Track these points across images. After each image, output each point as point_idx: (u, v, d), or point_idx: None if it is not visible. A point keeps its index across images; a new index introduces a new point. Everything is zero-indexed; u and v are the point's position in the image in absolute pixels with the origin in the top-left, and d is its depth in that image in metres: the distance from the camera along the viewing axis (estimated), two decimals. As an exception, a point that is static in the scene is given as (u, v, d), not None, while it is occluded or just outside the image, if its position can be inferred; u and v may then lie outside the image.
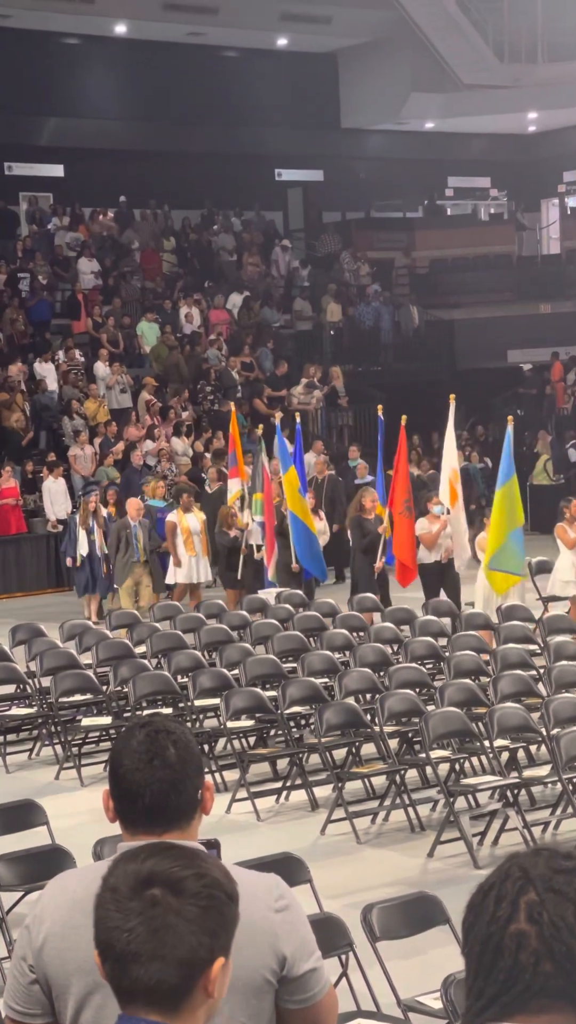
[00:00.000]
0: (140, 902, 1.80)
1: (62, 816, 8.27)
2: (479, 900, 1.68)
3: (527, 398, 27.57)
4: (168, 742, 2.53)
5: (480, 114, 30.52)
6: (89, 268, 25.78)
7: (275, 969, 2.48)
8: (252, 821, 9.04)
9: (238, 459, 16.58)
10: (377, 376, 26.65)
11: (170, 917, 1.79)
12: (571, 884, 1.66)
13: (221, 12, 26.82)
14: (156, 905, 1.80)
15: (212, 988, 1.82)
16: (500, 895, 1.66)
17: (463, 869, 8.00)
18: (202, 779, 2.57)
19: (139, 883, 1.82)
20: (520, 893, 1.65)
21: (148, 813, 2.51)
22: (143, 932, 1.78)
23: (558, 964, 1.62)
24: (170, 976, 1.78)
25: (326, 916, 5.35)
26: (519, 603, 13.51)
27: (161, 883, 1.81)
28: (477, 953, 1.66)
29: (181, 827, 2.52)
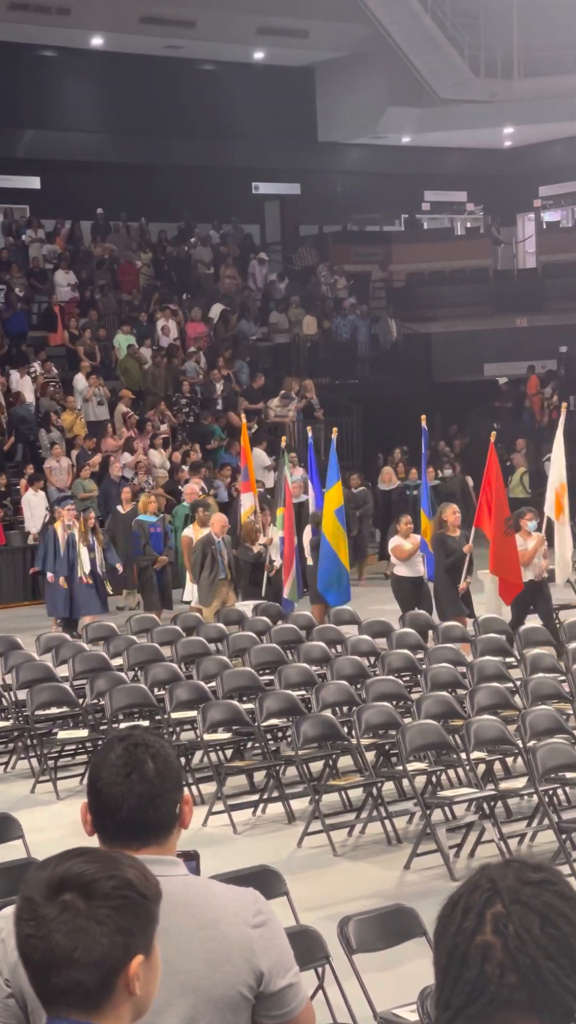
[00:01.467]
0: (53, 908, 1.82)
1: (38, 829, 8.24)
2: (448, 911, 1.69)
3: (503, 412, 27.67)
4: (147, 756, 2.52)
5: (456, 129, 30.65)
6: (66, 280, 25.76)
7: (252, 985, 2.48)
8: (229, 834, 9.02)
9: (250, 473, 16.13)
10: (354, 389, 26.70)
11: (80, 920, 1.81)
12: (538, 897, 1.65)
13: (198, 25, 26.88)
14: (67, 909, 1.81)
15: (133, 986, 1.84)
16: (467, 906, 1.66)
17: (440, 881, 8.00)
18: (181, 794, 2.56)
19: (51, 890, 1.83)
20: (487, 905, 1.65)
21: (125, 827, 2.50)
22: (57, 938, 1.80)
23: (523, 976, 1.62)
24: (87, 978, 1.81)
25: (303, 929, 5.34)
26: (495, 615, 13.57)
27: (72, 887, 1.83)
28: (444, 964, 1.67)
29: (159, 841, 2.52)
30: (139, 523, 16.82)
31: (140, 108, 28.49)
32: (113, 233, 28.38)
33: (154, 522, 16.87)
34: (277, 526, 15.21)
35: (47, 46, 27.42)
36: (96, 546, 16.28)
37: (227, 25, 26.99)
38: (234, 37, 27.64)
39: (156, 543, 16.66)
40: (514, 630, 12.87)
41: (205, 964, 2.45)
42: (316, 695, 10.08)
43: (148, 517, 16.94)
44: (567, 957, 1.63)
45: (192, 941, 2.46)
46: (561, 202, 35.89)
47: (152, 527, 16.77)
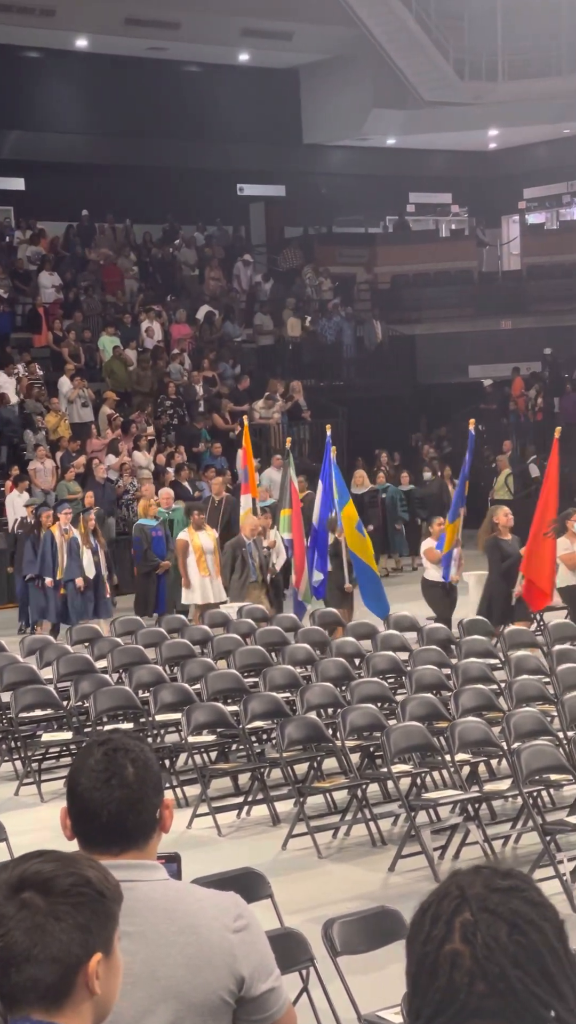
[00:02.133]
0: (12, 906, 1.84)
1: (22, 832, 8.21)
2: (418, 919, 1.68)
3: (488, 413, 27.71)
4: (126, 761, 2.51)
5: (441, 131, 30.70)
6: (50, 282, 25.71)
7: (232, 990, 2.47)
8: (213, 836, 9.01)
9: (250, 475, 15.83)
10: (339, 391, 26.71)
11: (38, 917, 1.83)
12: (506, 904, 1.64)
13: (183, 27, 26.87)
14: (25, 907, 1.84)
15: (93, 984, 1.85)
16: (436, 914, 1.66)
17: (424, 883, 7.99)
18: (161, 798, 2.55)
19: (11, 890, 1.86)
20: (455, 913, 1.64)
21: (105, 832, 2.49)
22: (17, 936, 1.82)
23: (491, 984, 1.61)
24: (45, 975, 1.82)
25: (287, 931, 5.33)
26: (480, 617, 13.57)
27: (30, 886, 1.85)
28: (414, 972, 1.66)
29: (138, 846, 2.51)
30: (140, 527, 16.43)
31: (125, 109, 28.46)
32: (98, 235, 28.34)
33: (155, 526, 16.50)
34: (281, 528, 14.90)
35: (31, 47, 27.38)
36: (99, 549, 15.97)
37: (212, 27, 26.99)
38: (219, 39, 27.64)
39: (158, 547, 16.26)
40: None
41: (186, 969, 2.44)
42: (301, 697, 10.07)
43: (149, 521, 16.63)
44: (535, 964, 1.62)
45: (172, 946, 2.45)
46: (545, 204, 35.98)
47: (153, 531, 16.38)
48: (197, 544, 15.28)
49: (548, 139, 32.11)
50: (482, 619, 13.46)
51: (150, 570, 16.30)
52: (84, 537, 15.87)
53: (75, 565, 15.82)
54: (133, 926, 2.35)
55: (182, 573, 15.33)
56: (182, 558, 15.28)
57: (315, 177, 32.64)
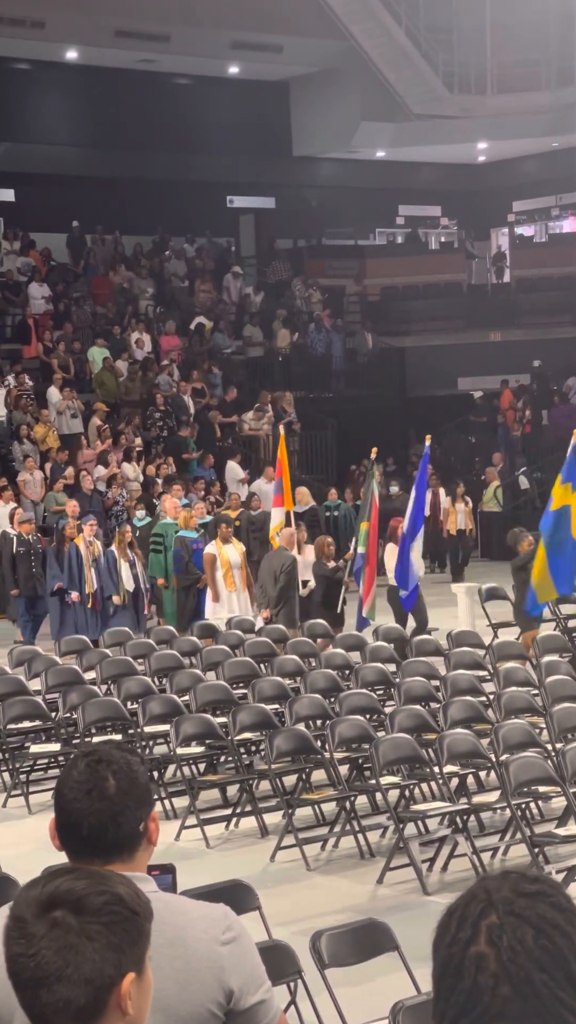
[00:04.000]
0: (43, 926, 1.79)
1: (10, 844, 8.20)
2: (445, 921, 1.69)
3: (477, 426, 27.77)
4: (108, 773, 2.50)
5: (430, 144, 30.80)
6: (40, 293, 25.72)
7: (221, 1002, 2.46)
8: (202, 848, 8.99)
9: (284, 486, 15.26)
10: (328, 403, 26.74)
11: (71, 937, 1.78)
12: (533, 908, 1.65)
13: (173, 39, 26.92)
14: (57, 926, 1.79)
15: (125, 1005, 1.81)
16: (463, 917, 1.66)
17: (413, 895, 7.99)
18: (146, 811, 2.53)
19: (41, 908, 1.81)
20: (482, 916, 1.65)
21: (87, 844, 2.49)
22: (48, 955, 1.77)
23: (516, 988, 1.62)
24: (78, 996, 1.77)
25: (275, 943, 5.32)
26: (469, 628, 13.59)
27: (62, 904, 1.80)
28: (439, 974, 1.67)
29: (123, 858, 2.50)
30: (181, 539, 15.83)
31: (115, 121, 28.51)
32: (89, 246, 28.37)
33: (196, 538, 15.88)
34: (360, 541, 14.06)
35: (21, 59, 27.41)
36: (136, 562, 15.60)
37: (202, 40, 27.06)
38: (209, 52, 27.71)
39: (198, 560, 15.52)
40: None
41: (173, 982, 2.43)
42: (290, 709, 10.06)
43: (189, 533, 15.93)
44: (561, 969, 1.62)
45: (160, 959, 2.44)
46: (534, 217, 36.10)
47: (194, 543, 15.74)
48: (225, 558, 14.85)
49: (537, 152, 32.23)
50: (471, 631, 13.49)
51: (191, 584, 15.67)
52: (121, 550, 15.50)
53: (113, 579, 15.42)
54: None
55: (209, 587, 14.98)
56: (210, 572, 14.88)
57: (305, 189, 32.71)
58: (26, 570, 16.46)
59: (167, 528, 16.60)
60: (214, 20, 26.58)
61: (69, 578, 15.57)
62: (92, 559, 15.58)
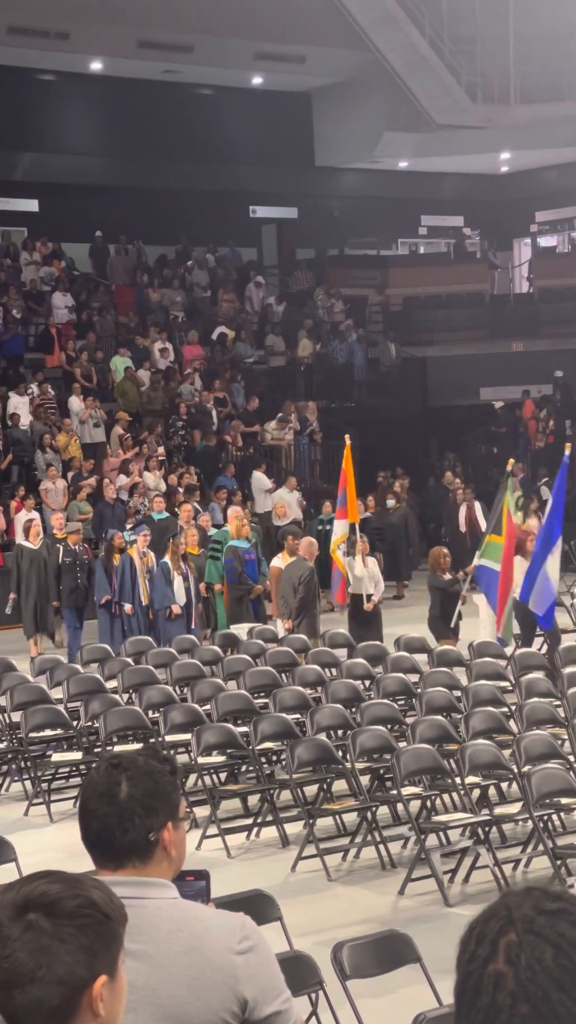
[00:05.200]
0: (17, 928, 1.83)
1: (31, 852, 8.20)
2: (466, 936, 1.68)
3: (499, 436, 27.71)
4: (122, 778, 2.50)
5: (453, 154, 30.80)
6: (63, 302, 25.81)
7: (235, 1012, 2.44)
8: (223, 858, 8.99)
9: (349, 498, 14.70)
10: (350, 412, 26.74)
11: (44, 939, 1.81)
12: (553, 926, 1.63)
13: (196, 50, 27.01)
14: (31, 929, 1.82)
15: (97, 1007, 1.84)
16: (482, 934, 1.65)
17: (434, 907, 7.97)
18: (159, 820, 2.51)
19: (16, 910, 1.84)
20: (500, 933, 1.64)
21: (96, 847, 2.51)
22: (21, 957, 1.81)
23: (534, 1007, 1.61)
24: (50, 996, 1.81)
25: (296, 954, 5.32)
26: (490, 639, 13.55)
27: (36, 907, 1.84)
28: (459, 991, 1.67)
29: (134, 865, 2.49)
30: (232, 549, 15.51)
31: (138, 132, 28.61)
32: (113, 256, 28.46)
33: (248, 548, 15.55)
34: (490, 556, 13.47)
35: (46, 70, 27.55)
36: (189, 575, 15.20)
37: (225, 50, 27.14)
38: (232, 62, 27.79)
39: (251, 570, 15.32)
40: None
41: (188, 990, 2.42)
42: (311, 718, 10.05)
43: (241, 543, 15.59)
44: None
45: (174, 966, 2.44)
46: (557, 227, 36.05)
47: (246, 553, 15.42)
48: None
49: (560, 163, 32.18)
50: (492, 642, 13.45)
51: (243, 594, 15.49)
52: (175, 562, 15.13)
53: (167, 591, 15.09)
54: (137, 944, 2.33)
55: (274, 601, 14.59)
56: (274, 585, 14.55)
57: (327, 199, 32.74)
58: (71, 581, 16.08)
59: (226, 536, 16.27)
60: (237, 31, 26.66)
61: (121, 589, 15.33)
62: (146, 570, 15.32)
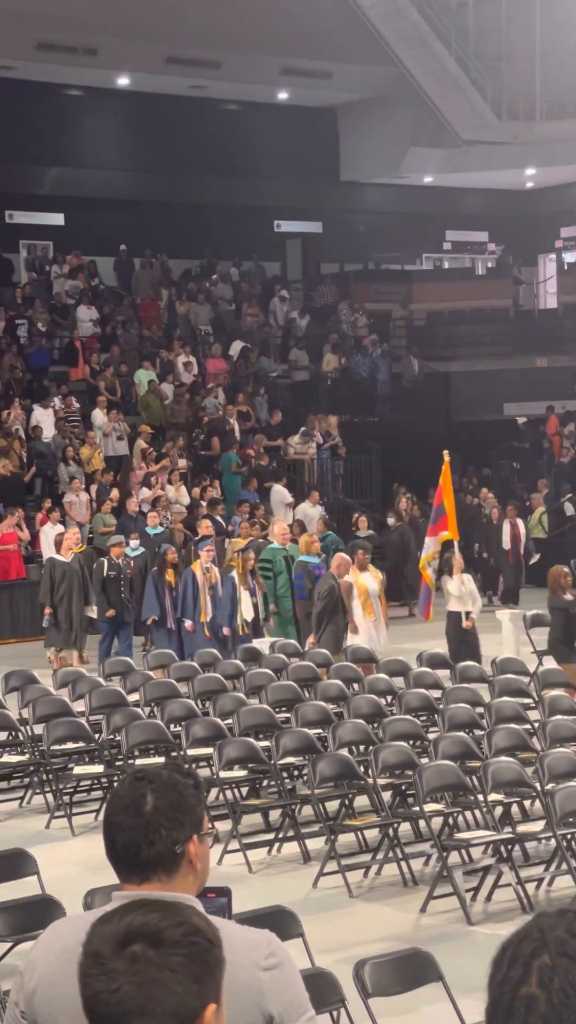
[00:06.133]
0: (122, 961, 1.75)
1: (53, 865, 8.19)
2: (499, 957, 1.67)
3: (522, 451, 27.65)
4: (148, 790, 2.50)
5: (478, 170, 30.82)
6: (88, 316, 25.91)
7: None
8: (244, 873, 8.96)
9: (448, 512, 14.29)
10: (373, 427, 26.74)
11: (152, 970, 1.74)
12: None
13: (223, 66, 27.12)
14: (138, 960, 1.75)
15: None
16: (515, 955, 1.64)
17: (456, 925, 7.93)
18: (184, 833, 2.50)
19: (118, 942, 1.77)
20: (534, 956, 1.62)
21: (122, 860, 2.50)
22: (129, 990, 1.74)
23: None
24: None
25: (318, 971, 5.29)
26: (514, 655, 13.50)
27: (140, 938, 1.77)
28: (490, 1012, 1.65)
29: (160, 878, 2.49)
30: (302, 564, 15.21)
31: (164, 147, 28.73)
32: (138, 269, 28.57)
33: (318, 563, 15.11)
34: None
35: (74, 85, 27.70)
36: (257, 591, 14.88)
37: (251, 66, 27.24)
38: (258, 78, 27.89)
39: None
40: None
41: None
42: (333, 734, 10.02)
43: (311, 558, 15.26)
44: None
45: None
46: (582, 243, 35.98)
47: (316, 568, 14.97)
48: (362, 585, 14.17)
49: (586, 179, 32.17)
50: (515, 658, 13.40)
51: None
52: (242, 578, 14.80)
53: (233, 608, 14.81)
54: None
55: (348, 617, 14.16)
56: (347, 600, 14.09)
57: (352, 214, 32.79)
58: (115, 595, 15.83)
59: (275, 553, 15.98)
60: (264, 47, 26.76)
61: (183, 605, 15.06)
62: (209, 586, 15.06)
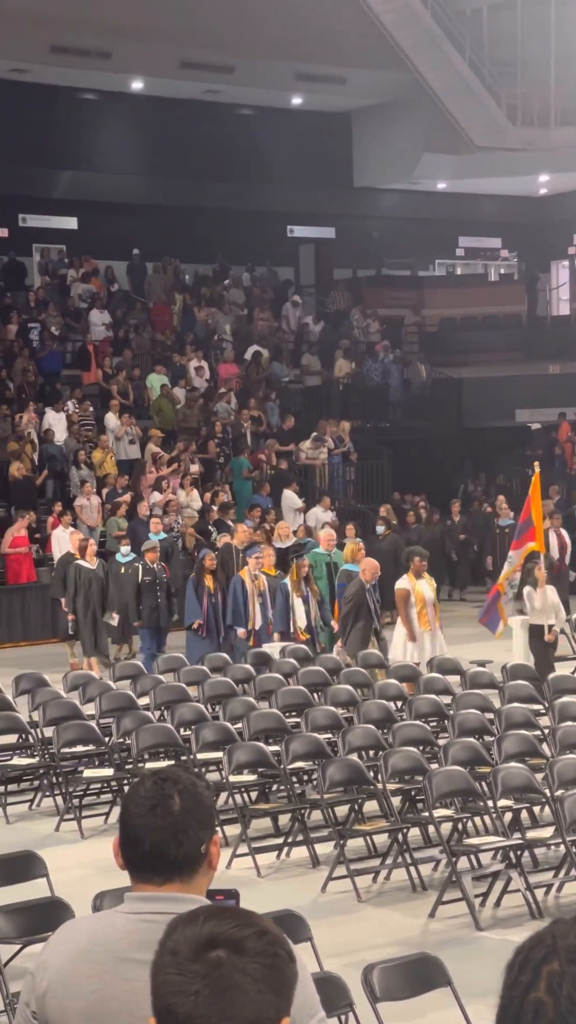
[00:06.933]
0: (203, 964, 1.74)
1: (62, 868, 8.21)
2: (511, 962, 1.67)
3: (534, 458, 27.59)
4: (174, 791, 2.52)
5: (492, 176, 30.81)
6: (100, 320, 25.95)
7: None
8: (253, 877, 8.97)
9: (535, 525, 13.89)
10: (384, 432, 26.74)
11: (236, 977, 1.73)
12: None
13: (237, 71, 27.15)
14: (221, 966, 1.73)
15: None
16: (526, 961, 1.64)
17: (465, 930, 7.92)
18: (208, 833, 2.54)
19: (200, 945, 1.76)
20: (544, 962, 1.62)
21: (148, 861, 2.51)
22: (209, 994, 1.72)
23: None
24: None
25: (326, 975, 5.29)
26: (524, 662, 13.50)
27: (223, 944, 1.75)
28: (500, 1017, 1.65)
29: (182, 879, 2.51)
30: (347, 573, 14.83)
31: (178, 151, 28.76)
32: (151, 274, 28.61)
33: (359, 571, 14.39)
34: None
35: (87, 89, 27.75)
36: (311, 598, 14.56)
37: (266, 71, 27.27)
38: (272, 83, 27.91)
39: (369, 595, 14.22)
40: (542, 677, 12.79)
41: None
42: (342, 738, 10.03)
43: (354, 566, 14.77)
44: None
45: None
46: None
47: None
48: (419, 593, 13.68)
49: (599, 186, 32.15)
50: (526, 664, 13.39)
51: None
52: (296, 585, 14.51)
53: (286, 615, 14.53)
54: None
55: (404, 625, 13.78)
56: (403, 609, 13.72)
57: (365, 220, 32.81)
58: (152, 601, 15.68)
59: (318, 558, 15.74)
60: (278, 52, 26.78)
61: (234, 612, 14.88)
62: (258, 593, 14.83)
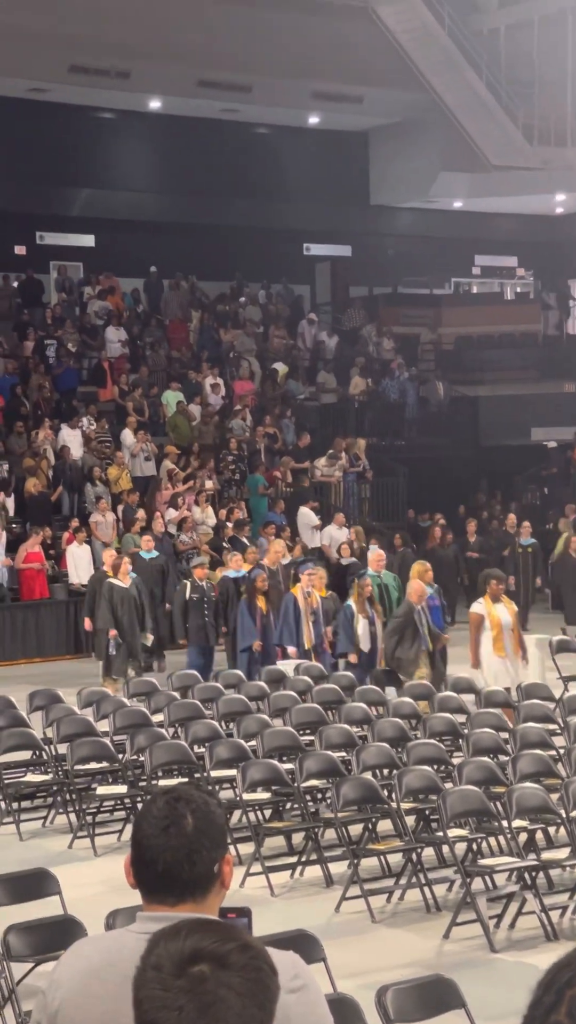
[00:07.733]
0: (187, 979, 1.74)
1: (75, 886, 8.18)
2: (540, 981, 1.66)
3: (550, 477, 27.58)
4: (187, 811, 2.51)
5: (508, 195, 30.84)
6: (117, 337, 26.02)
7: None
8: (266, 896, 8.93)
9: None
10: (400, 450, 26.74)
11: (220, 991, 1.73)
12: None
13: (254, 90, 27.25)
14: (204, 981, 1.74)
15: None
16: (551, 982, 1.63)
17: (479, 952, 7.87)
18: (221, 852, 2.53)
19: (184, 960, 1.76)
20: (568, 985, 1.62)
21: (161, 881, 2.49)
22: (193, 1009, 1.72)
23: None
24: None
25: (340, 996, 5.25)
26: (539, 681, 13.43)
27: (207, 958, 1.76)
28: None
29: (195, 899, 2.49)
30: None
31: (195, 170, 28.87)
32: (167, 291, 28.70)
33: (431, 593, 13.75)
34: None
35: (106, 108, 27.89)
36: (376, 619, 14.09)
37: (283, 90, 27.37)
38: (289, 102, 28.01)
39: (436, 617, 13.64)
40: None
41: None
42: (357, 757, 9.99)
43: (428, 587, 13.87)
44: None
45: None
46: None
47: (430, 599, 13.62)
48: (496, 618, 13.00)
49: (615, 205, 32.16)
50: (541, 684, 13.33)
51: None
52: (359, 605, 14.14)
53: (347, 636, 14.16)
54: None
55: (472, 652, 13.14)
56: (475, 634, 13.10)
57: (381, 238, 32.87)
58: (199, 619, 15.59)
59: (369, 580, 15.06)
60: (295, 71, 26.88)
61: (285, 631, 14.56)
62: (311, 611, 14.54)
